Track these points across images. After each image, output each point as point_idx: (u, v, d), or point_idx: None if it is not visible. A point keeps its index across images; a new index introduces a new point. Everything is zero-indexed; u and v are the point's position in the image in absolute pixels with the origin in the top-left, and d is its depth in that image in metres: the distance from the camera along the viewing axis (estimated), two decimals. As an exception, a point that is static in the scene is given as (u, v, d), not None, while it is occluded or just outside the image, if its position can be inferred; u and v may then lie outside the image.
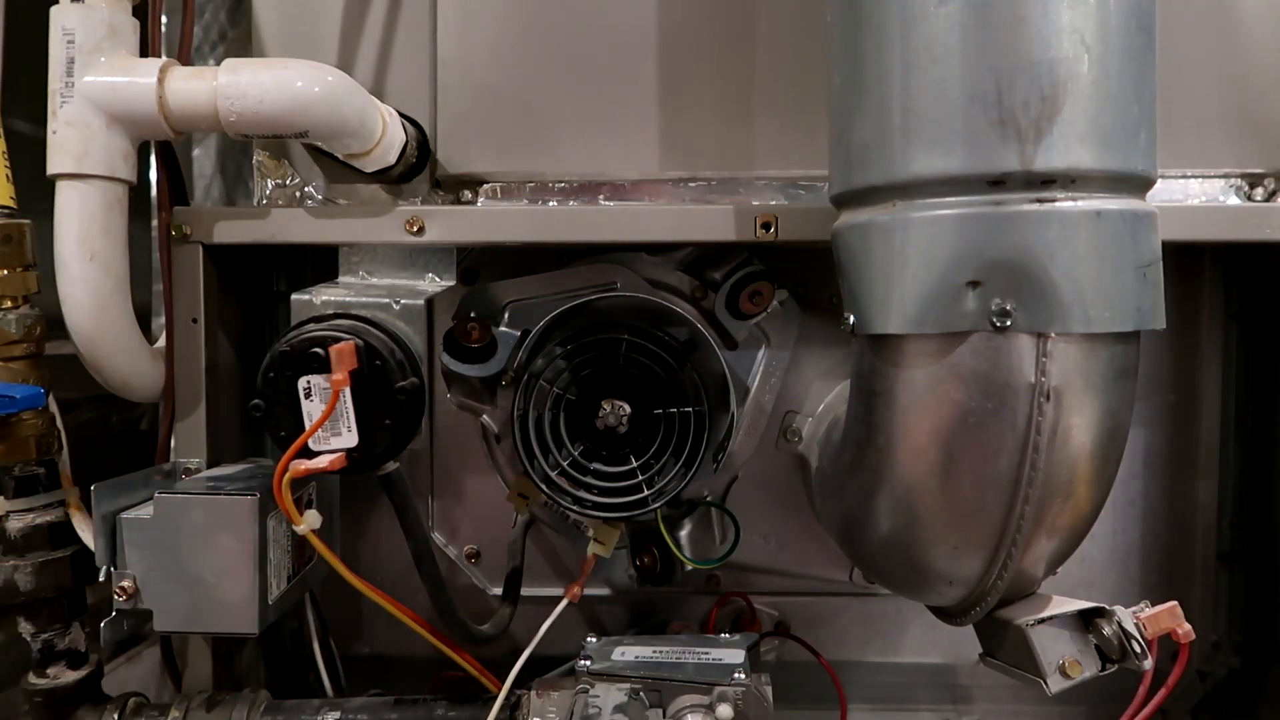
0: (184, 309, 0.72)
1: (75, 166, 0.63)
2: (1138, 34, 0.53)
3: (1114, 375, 0.55)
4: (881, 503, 0.60)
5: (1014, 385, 0.53)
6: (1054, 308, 0.51)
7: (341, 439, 0.62)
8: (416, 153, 0.73)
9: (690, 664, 0.64)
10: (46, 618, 0.65)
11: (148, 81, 0.63)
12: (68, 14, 0.63)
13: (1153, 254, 0.54)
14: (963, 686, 0.89)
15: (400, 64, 0.76)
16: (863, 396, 0.60)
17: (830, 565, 0.84)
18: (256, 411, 0.62)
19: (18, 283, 0.64)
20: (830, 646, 0.84)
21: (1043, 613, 0.59)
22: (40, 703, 0.65)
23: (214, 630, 0.66)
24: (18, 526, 0.64)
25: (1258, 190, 0.73)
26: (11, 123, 0.68)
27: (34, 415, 0.65)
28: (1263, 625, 0.83)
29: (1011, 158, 0.51)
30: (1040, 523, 0.55)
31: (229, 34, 0.94)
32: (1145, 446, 0.85)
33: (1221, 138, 0.73)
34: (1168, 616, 0.57)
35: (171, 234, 0.71)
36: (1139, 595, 0.66)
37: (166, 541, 0.62)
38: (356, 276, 0.73)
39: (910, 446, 0.57)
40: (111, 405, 0.84)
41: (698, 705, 0.61)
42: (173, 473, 0.72)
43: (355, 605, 0.87)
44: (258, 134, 0.65)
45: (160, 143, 0.71)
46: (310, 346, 0.62)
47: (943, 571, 0.59)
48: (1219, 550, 0.85)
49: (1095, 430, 0.55)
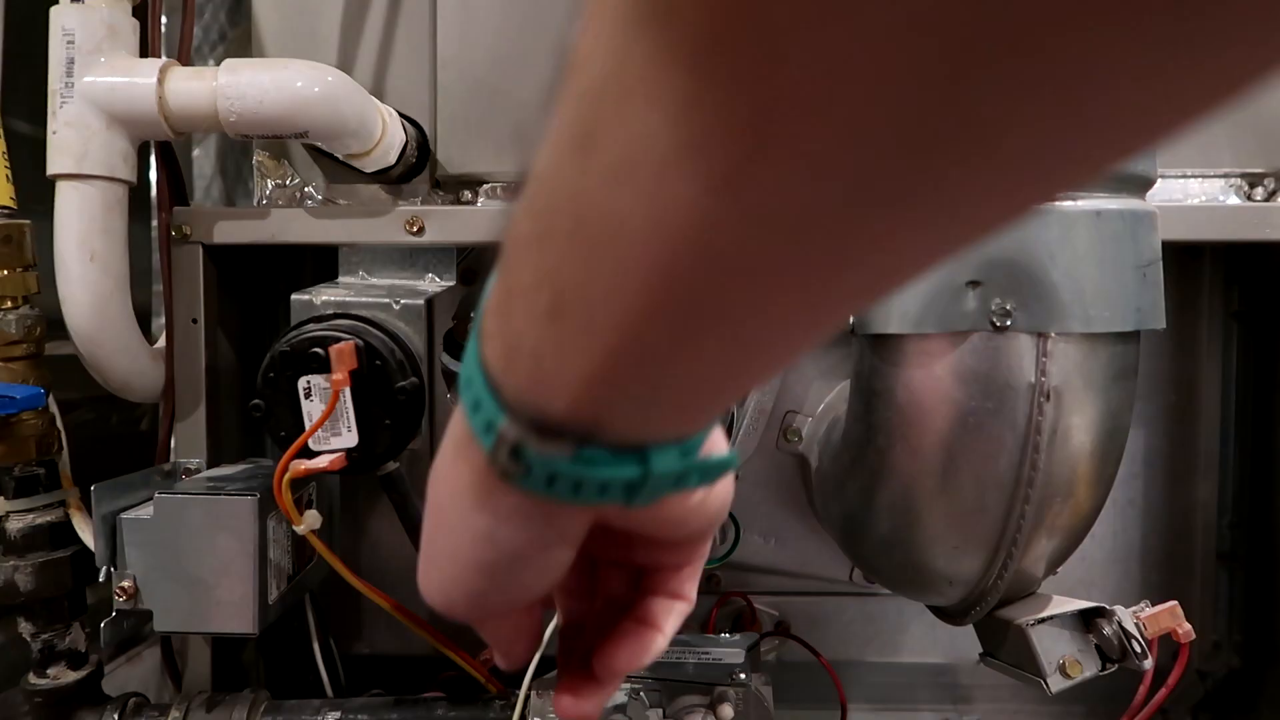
0: (184, 309, 0.72)
1: (75, 167, 0.63)
2: (1137, 34, 0.53)
3: (1114, 375, 0.55)
4: (881, 503, 0.60)
5: (1014, 385, 0.53)
6: (1054, 307, 0.52)
7: (341, 439, 0.62)
8: (416, 153, 0.73)
9: (690, 664, 0.64)
10: (46, 618, 0.65)
11: (147, 82, 0.63)
12: (68, 14, 0.63)
13: (1153, 254, 0.54)
14: (963, 686, 0.89)
15: (400, 64, 0.76)
16: (863, 396, 0.60)
17: (830, 565, 0.84)
18: (256, 411, 0.62)
19: (18, 283, 0.64)
20: (830, 646, 0.83)
21: (1043, 612, 0.59)
22: (40, 703, 0.65)
23: (214, 630, 0.65)
24: (18, 527, 0.64)
25: (1258, 190, 0.73)
26: (11, 123, 0.68)
27: (34, 415, 0.65)
28: (1263, 625, 0.83)
29: (1011, 157, 0.51)
30: (1040, 522, 0.55)
31: (229, 34, 0.94)
32: (1145, 446, 0.85)
33: (1221, 138, 0.73)
34: (1168, 616, 0.57)
35: (171, 234, 0.71)
36: (1139, 595, 0.66)
37: (166, 541, 0.62)
38: (356, 276, 0.73)
39: (910, 446, 0.57)
40: (111, 405, 0.84)
41: (698, 705, 0.61)
42: (173, 473, 0.72)
43: (355, 605, 0.87)
44: (257, 134, 0.65)
45: (160, 143, 0.71)
46: (310, 346, 0.62)
47: (943, 571, 0.59)
48: (1219, 550, 0.85)
49: (1095, 430, 0.55)
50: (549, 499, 0.24)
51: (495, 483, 0.24)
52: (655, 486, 0.24)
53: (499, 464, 0.23)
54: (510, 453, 0.23)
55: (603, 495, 0.24)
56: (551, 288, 0.20)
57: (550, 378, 0.22)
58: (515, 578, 0.27)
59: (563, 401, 0.22)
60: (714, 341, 0.20)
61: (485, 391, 0.24)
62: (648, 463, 0.24)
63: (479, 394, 0.24)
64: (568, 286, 0.20)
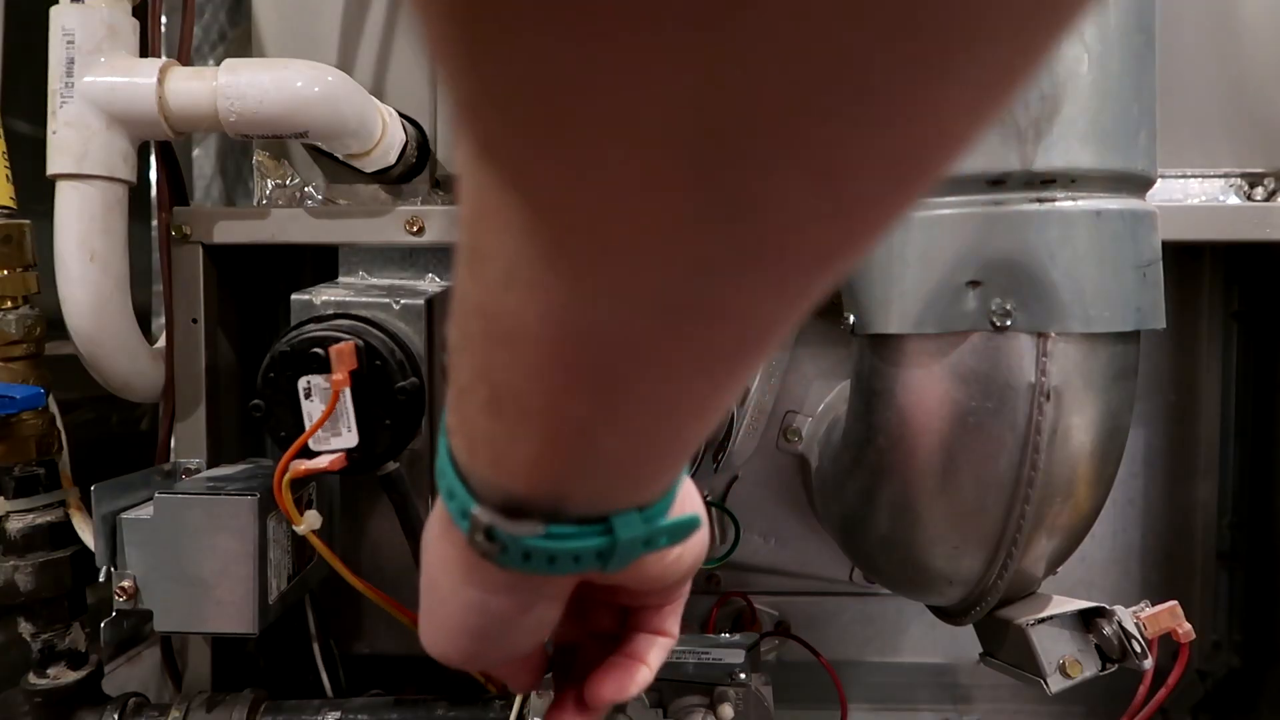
0: (184, 309, 0.72)
1: (75, 167, 0.63)
2: (1137, 34, 0.53)
3: (1114, 375, 0.55)
4: (881, 503, 0.60)
5: (1014, 385, 0.53)
6: (1054, 307, 0.52)
7: (341, 439, 0.62)
8: (416, 153, 0.73)
9: (690, 664, 0.64)
10: (46, 618, 0.65)
11: (147, 82, 0.63)
12: (67, 14, 0.63)
13: (1153, 253, 0.54)
14: (963, 686, 0.89)
15: (400, 64, 0.76)
16: (863, 396, 0.60)
17: (830, 565, 0.84)
18: (256, 411, 0.62)
19: (18, 283, 0.64)
20: (830, 646, 0.83)
21: (1043, 612, 0.59)
22: (40, 703, 0.65)
23: (214, 630, 0.65)
24: (18, 527, 0.64)
25: (1258, 190, 0.73)
26: (11, 123, 0.68)
27: (34, 415, 0.65)
28: (1263, 625, 0.83)
29: (1011, 157, 0.51)
30: (1040, 522, 0.55)
31: (229, 34, 0.94)
32: (1145, 446, 0.85)
33: (1221, 138, 0.73)
34: (1168, 616, 0.57)
35: (171, 234, 0.71)
36: (1139, 595, 0.66)
37: (166, 541, 0.62)
38: (356, 276, 0.73)
39: (910, 446, 0.57)
40: (111, 405, 0.84)
41: (698, 705, 0.61)
42: (173, 473, 0.72)
43: (355, 605, 0.87)
44: (258, 134, 0.65)
45: (160, 143, 0.71)
46: (310, 346, 0.62)
47: (943, 571, 0.59)
48: (1219, 550, 0.85)
49: (1095, 430, 0.55)
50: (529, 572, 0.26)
51: (479, 560, 0.26)
52: (626, 552, 0.26)
53: (477, 546, 0.26)
54: (485, 535, 0.25)
55: (578, 565, 0.26)
56: (486, 384, 0.23)
57: (507, 463, 0.24)
58: (508, 638, 0.30)
59: (522, 484, 0.24)
60: (636, 411, 0.22)
61: (456, 481, 0.26)
62: (614, 532, 0.26)
63: (451, 483, 0.26)
64: (498, 381, 0.22)
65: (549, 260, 0.18)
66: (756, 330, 0.20)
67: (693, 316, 0.18)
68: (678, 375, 0.20)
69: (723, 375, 0.21)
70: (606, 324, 0.19)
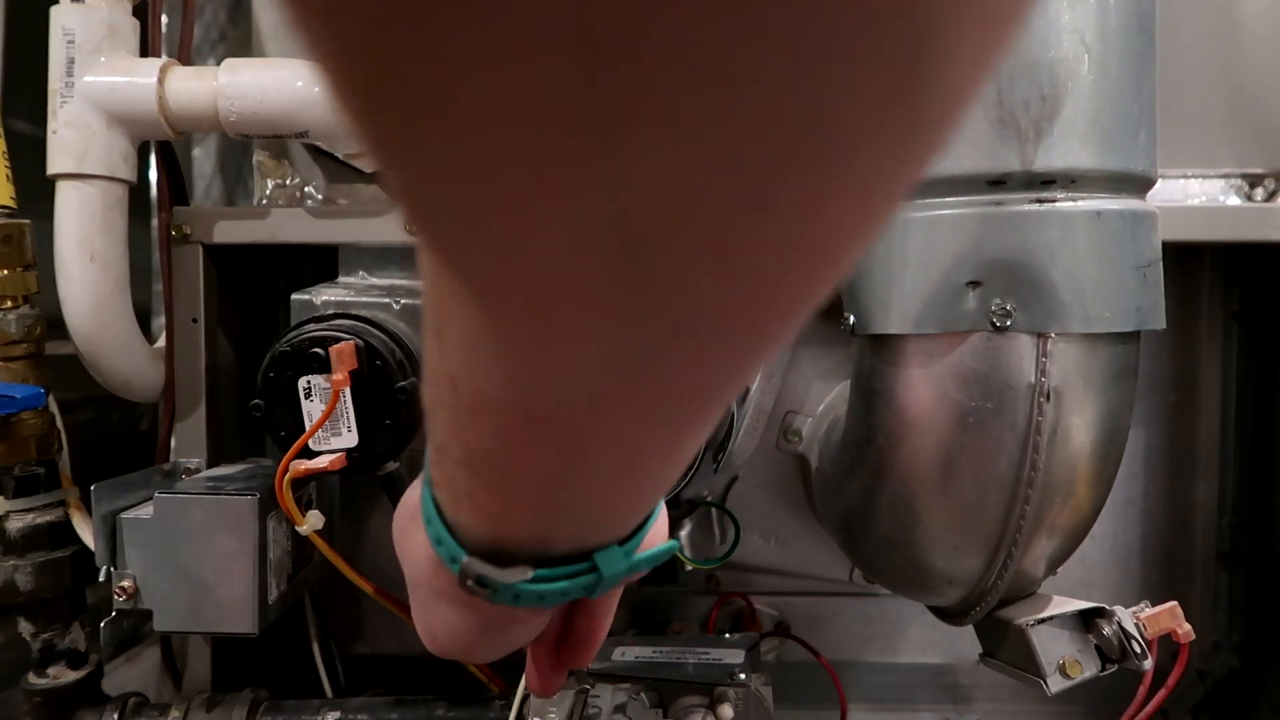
0: (184, 309, 0.72)
1: (75, 167, 0.63)
2: (1138, 34, 0.53)
3: (1114, 375, 0.55)
4: (881, 503, 0.60)
5: (1014, 385, 0.53)
6: (1054, 308, 0.52)
7: (342, 439, 0.62)
8: (416, 152, 0.73)
9: (690, 664, 0.64)
10: (46, 618, 0.65)
11: (148, 81, 0.63)
12: (68, 14, 0.63)
13: (1153, 254, 0.54)
14: (963, 686, 0.89)
15: (400, 64, 0.76)
16: (863, 396, 0.60)
17: (830, 565, 0.84)
18: (256, 411, 0.62)
19: (18, 283, 0.64)
20: (830, 646, 0.83)
21: (1043, 613, 0.59)
22: (40, 703, 0.65)
23: (213, 630, 0.65)
24: (18, 526, 0.64)
25: (1258, 190, 0.73)
26: (11, 123, 0.68)
27: (34, 415, 0.65)
28: (1263, 625, 0.83)
29: (1011, 157, 0.51)
30: (1040, 522, 0.55)
31: (229, 34, 0.94)
32: (1145, 446, 0.85)
33: (1221, 138, 0.73)
34: (1168, 616, 0.57)
35: (171, 234, 0.71)
36: (1139, 595, 0.66)
37: (166, 541, 0.62)
38: (356, 276, 0.73)
39: (910, 446, 0.57)
40: (111, 405, 0.84)
41: (698, 705, 0.61)
42: (173, 473, 0.72)
43: (355, 605, 0.87)
44: (258, 134, 0.65)
45: (160, 143, 0.71)
46: (310, 346, 0.62)
47: (943, 571, 0.59)
48: (1219, 550, 0.86)
49: (1095, 430, 0.55)
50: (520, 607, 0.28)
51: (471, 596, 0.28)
52: (610, 584, 0.29)
53: (469, 589, 0.28)
54: (476, 582, 0.27)
55: (565, 598, 0.28)
56: (459, 443, 0.24)
57: (487, 514, 0.26)
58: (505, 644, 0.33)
59: (505, 533, 0.26)
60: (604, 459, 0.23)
61: (443, 529, 0.28)
62: (598, 569, 0.28)
63: (439, 532, 0.28)
64: (468, 440, 0.24)
65: (500, 339, 0.20)
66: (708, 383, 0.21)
67: (642, 376, 0.19)
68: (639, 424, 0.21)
69: (682, 421, 0.22)
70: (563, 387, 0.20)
